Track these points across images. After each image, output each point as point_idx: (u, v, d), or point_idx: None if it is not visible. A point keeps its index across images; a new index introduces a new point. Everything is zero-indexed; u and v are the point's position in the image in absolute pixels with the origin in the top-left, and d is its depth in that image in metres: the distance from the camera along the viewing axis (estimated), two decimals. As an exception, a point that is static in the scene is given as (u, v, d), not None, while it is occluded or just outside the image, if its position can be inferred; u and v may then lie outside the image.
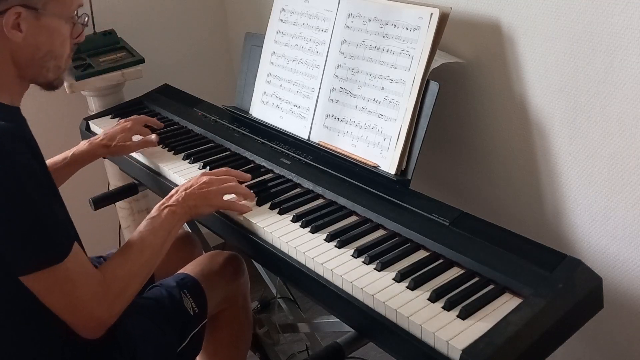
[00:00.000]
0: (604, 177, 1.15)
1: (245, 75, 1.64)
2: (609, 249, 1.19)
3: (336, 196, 1.23)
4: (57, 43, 1.07)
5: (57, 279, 0.95)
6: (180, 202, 1.16)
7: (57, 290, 0.96)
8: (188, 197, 1.17)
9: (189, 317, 1.27)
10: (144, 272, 1.08)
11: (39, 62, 1.06)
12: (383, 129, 1.27)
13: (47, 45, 1.05)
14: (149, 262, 1.09)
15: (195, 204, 1.17)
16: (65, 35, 1.08)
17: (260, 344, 1.73)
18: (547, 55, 1.18)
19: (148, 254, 1.08)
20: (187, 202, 1.16)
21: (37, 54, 1.05)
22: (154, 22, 2.08)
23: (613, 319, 1.22)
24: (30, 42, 1.02)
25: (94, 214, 1.62)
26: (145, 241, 1.09)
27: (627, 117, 1.08)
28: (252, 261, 1.45)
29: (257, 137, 1.50)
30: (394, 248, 1.07)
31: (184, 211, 1.15)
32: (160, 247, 1.11)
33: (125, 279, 1.04)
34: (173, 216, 1.14)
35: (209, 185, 1.20)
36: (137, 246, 1.08)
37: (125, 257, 1.07)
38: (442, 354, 0.86)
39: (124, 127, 1.51)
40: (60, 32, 1.07)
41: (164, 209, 1.14)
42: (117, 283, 1.02)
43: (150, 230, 1.11)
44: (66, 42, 1.09)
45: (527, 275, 0.94)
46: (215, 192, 1.20)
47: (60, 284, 0.95)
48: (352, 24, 1.35)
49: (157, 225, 1.12)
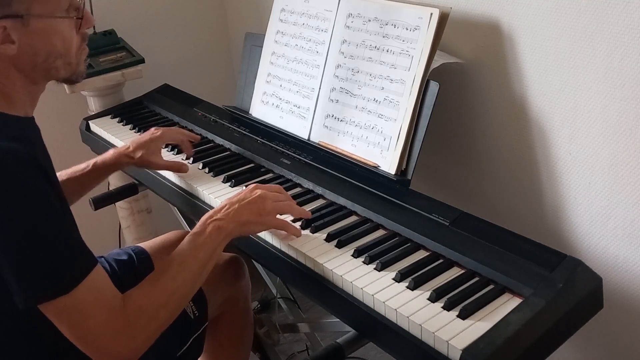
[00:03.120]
0: (604, 177, 1.15)
1: (245, 75, 1.64)
2: (609, 249, 1.19)
3: (336, 196, 1.23)
4: (56, 43, 0.99)
5: (64, 309, 0.88)
6: (231, 217, 1.03)
7: (65, 321, 0.90)
8: (240, 211, 1.04)
9: (190, 320, 1.26)
10: (175, 301, 0.96)
11: (43, 66, 0.99)
12: (383, 129, 1.27)
13: (46, 48, 0.99)
14: (182, 288, 0.97)
15: (249, 219, 1.04)
16: (64, 32, 1.00)
17: (261, 344, 1.73)
18: (547, 55, 1.18)
19: (182, 279, 0.96)
20: (239, 217, 1.04)
21: (38, 59, 0.98)
22: (154, 22, 2.07)
23: (613, 319, 1.22)
24: (27, 49, 0.96)
25: (94, 214, 1.61)
26: (181, 264, 0.97)
27: (627, 117, 1.08)
28: (252, 261, 1.45)
29: (257, 137, 1.50)
30: (394, 248, 1.07)
31: (233, 227, 1.03)
32: (199, 270, 0.99)
33: (151, 310, 0.93)
34: (219, 232, 1.01)
35: (264, 200, 1.07)
36: (171, 270, 0.97)
37: (154, 284, 0.95)
38: (442, 354, 0.86)
39: (153, 135, 1.37)
40: (56, 31, 0.99)
41: (210, 223, 1.02)
42: (140, 315, 0.92)
43: (190, 250, 0.99)
44: (69, 38, 1.01)
45: (527, 275, 0.94)
46: (271, 210, 1.07)
47: (67, 314, 0.89)
48: (352, 24, 1.35)
49: (198, 243, 1.00)
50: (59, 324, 0.91)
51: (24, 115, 1.01)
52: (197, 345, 1.30)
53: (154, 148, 1.36)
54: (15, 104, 0.99)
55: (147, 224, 2.00)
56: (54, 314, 0.90)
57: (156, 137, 1.37)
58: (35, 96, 1.05)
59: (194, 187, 1.34)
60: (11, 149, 0.88)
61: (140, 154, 1.34)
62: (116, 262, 1.33)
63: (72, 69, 1.04)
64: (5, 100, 0.98)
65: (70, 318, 0.90)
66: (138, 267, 1.33)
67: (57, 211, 0.90)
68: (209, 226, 1.02)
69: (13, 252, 0.86)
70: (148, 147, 1.35)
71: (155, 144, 1.36)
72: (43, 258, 0.87)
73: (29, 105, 1.03)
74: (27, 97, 1.02)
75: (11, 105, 0.99)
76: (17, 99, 1.00)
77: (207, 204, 1.30)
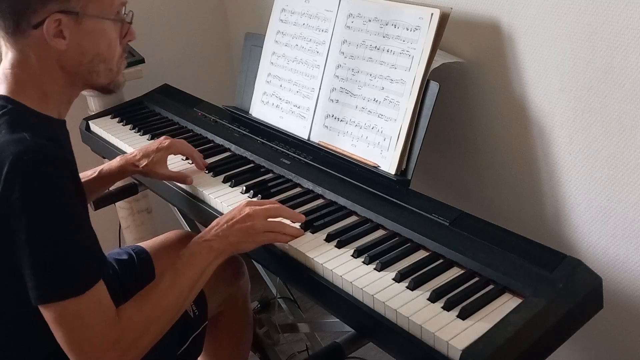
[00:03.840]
0: (604, 177, 1.15)
1: (245, 75, 1.64)
2: (609, 249, 1.19)
3: (336, 196, 1.23)
4: (103, 46, 1.01)
5: (66, 313, 0.89)
6: (220, 237, 1.05)
7: (64, 326, 0.90)
8: (229, 231, 1.06)
9: (189, 319, 1.26)
10: (166, 318, 0.98)
11: (87, 67, 1.01)
12: (383, 129, 1.27)
13: (94, 49, 1.00)
14: (172, 305, 0.99)
15: (238, 240, 1.06)
16: (111, 37, 1.03)
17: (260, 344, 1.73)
18: (547, 55, 1.18)
19: (173, 297, 0.99)
20: (227, 238, 1.05)
21: (84, 59, 1.00)
22: (154, 22, 2.07)
23: (613, 319, 1.22)
24: (75, 47, 0.98)
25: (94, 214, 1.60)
26: (172, 282, 1.00)
27: (627, 117, 1.08)
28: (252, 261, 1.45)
29: (257, 137, 1.50)
30: (394, 248, 1.07)
31: (223, 247, 1.05)
32: (189, 288, 1.01)
33: (142, 326, 0.95)
34: (209, 252, 1.04)
35: (253, 218, 1.07)
36: (162, 288, 0.99)
37: (146, 300, 0.97)
38: (442, 354, 0.86)
39: (160, 145, 1.35)
40: (105, 34, 1.01)
41: (201, 243, 1.05)
42: (132, 330, 0.94)
43: (180, 269, 1.01)
44: (114, 44, 1.04)
45: (527, 275, 0.94)
46: (260, 228, 1.07)
47: (68, 320, 0.90)
48: (353, 24, 1.35)
49: (189, 262, 1.02)
50: (55, 328, 0.91)
51: (57, 117, 1.03)
52: (197, 344, 1.30)
53: (159, 158, 1.35)
54: (50, 103, 1.01)
55: (147, 224, 2.00)
56: (54, 317, 0.90)
57: (164, 147, 1.36)
58: (71, 100, 1.06)
59: (194, 188, 1.34)
60: (46, 146, 0.90)
61: (145, 163, 1.33)
62: (116, 261, 1.33)
63: (112, 76, 1.06)
64: (41, 99, 1.00)
65: (69, 324, 0.90)
66: (138, 266, 1.33)
67: (81, 214, 0.93)
68: (199, 246, 1.04)
69: (35, 248, 0.88)
70: (154, 157, 1.34)
71: (161, 154, 1.35)
72: (63, 258, 0.89)
73: (64, 107, 1.05)
74: (64, 99, 1.04)
75: (45, 104, 1.00)
76: (54, 99, 1.01)
77: (207, 204, 1.30)
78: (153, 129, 1.65)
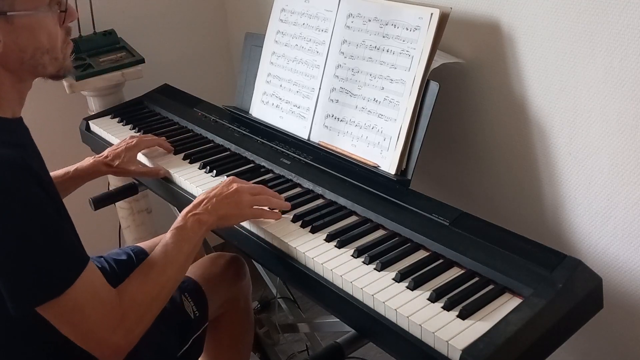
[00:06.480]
0: (604, 176, 1.15)
1: (245, 75, 1.64)
2: (609, 249, 1.19)
3: (336, 196, 1.23)
4: (42, 38, 0.98)
5: (64, 309, 0.90)
6: (209, 210, 1.08)
7: (66, 321, 0.92)
8: (218, 205, 1.09)
9: (190, 320, 1.26)
10: (165, 293, 1.02)
11: (30, 62, 0.98)
12: (383, 129, 1.27)
13: (33, 44, 0.97)
14: (170, 280, 1.02)
15: (226, 213, 1.10)
16: (49, 27, 0.99)
17: (261, 344, 1.73)
18: (547, 55, 1.18)
19: (170, 272, 1.02)
20: (217, 210, 1.08)
21: (25, 56, 0.97)
22: (154, 22, 2.08)
23: (613, 319, 1.22)
24: (13, 47, 0.95)
25: (94, 214, 1.62)
26: (168, 257, 1.02)
27: (627, 117, 1.08)
28: (252, 261, 1.45)
29: (257, 137, 1.50)
30: (394, 248, 1.07)
31: (213, 220, 1.08)
32: (184, 261, 1.04)
33: (145, 304, 0.98)
34: (199, 225, 1.06)
35: (240, 194, 1.12)
36: (159, 264, 1.01)
37: (146, 279, 1.00)
38: (442, 354, 0.86)
39: (128, 145, 1.43)
40: (41, 26, 0.97)
41: (190, 217, 1.07)
42: (135, 309, 0.96)
43: (174, 244, 1.04)
44: (54, 33, 1.00)
45: (527, 275, 0.94)
46: (248, 202, 1.12)
47: (68, 314, 0.91)
48: (352, 24, 1.35)
49: (181, 237, 1.05)
50: (59, 325, 0.92)
51: (12, 116, 1.00)
52: (198, 345, 1.30)
53: (130, 157, 1.42)
54: (2, 104, 0.98)
55: (147, 224, 2.00)
56: (53, 316, 0.91)
57: (131, 146, 1.43)
58: (23, 94, 1.04)
59: (195, 188, 1.34)
60: (2, 156, 0.88)
61: (117, 163, 1.40)
62: (115, 262, 1.34)
63: (59, 64, 1.03)
64: None
65: (69, 318, 0.91)
66: (137, 267, 1.33)
67: (48, 216, 0.91)
68: (189, 220, 1.07)
69: (2, 260, 0.87)
70: (124, 156, 1.41)
71: (131, 153, 1.42)
72: (31, 265, 0.88)
73: (17, 104, 1.02)
74: (16, 96, 1.01)
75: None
76: (4, 99, 0.99)
77: (207, 204, 1.30)
78: (153, 129, 1.65)
